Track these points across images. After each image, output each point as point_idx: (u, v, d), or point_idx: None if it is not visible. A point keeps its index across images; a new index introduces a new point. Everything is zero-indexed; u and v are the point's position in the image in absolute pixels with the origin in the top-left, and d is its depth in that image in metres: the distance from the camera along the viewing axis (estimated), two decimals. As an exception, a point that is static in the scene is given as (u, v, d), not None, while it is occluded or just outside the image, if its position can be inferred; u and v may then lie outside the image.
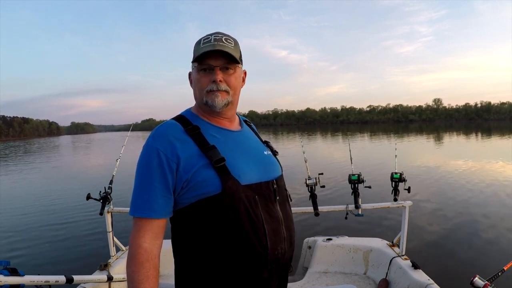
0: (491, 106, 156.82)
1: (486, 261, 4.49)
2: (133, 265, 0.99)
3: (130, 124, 6.00)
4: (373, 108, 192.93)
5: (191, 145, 1.06)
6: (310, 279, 2.99)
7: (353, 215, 2.79)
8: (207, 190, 1.02)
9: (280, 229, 1.12)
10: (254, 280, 1.07)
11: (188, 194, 1.04)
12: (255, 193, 1.08)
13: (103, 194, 2.74)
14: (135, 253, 1.00)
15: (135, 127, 8.27)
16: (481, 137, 31.51)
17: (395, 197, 2.83)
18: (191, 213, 1.06)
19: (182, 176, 1.03)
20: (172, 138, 1.06)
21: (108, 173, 3.08)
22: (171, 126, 1.11)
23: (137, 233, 1.02)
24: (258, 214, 1.06)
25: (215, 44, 1.09)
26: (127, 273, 1.00)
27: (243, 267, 1.05)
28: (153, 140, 1.07)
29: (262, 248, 1.05)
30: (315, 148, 24.20)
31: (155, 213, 1.03)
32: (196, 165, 1.03)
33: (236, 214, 1.03)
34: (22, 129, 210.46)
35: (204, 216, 1.04)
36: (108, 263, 2.78)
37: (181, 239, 1.10)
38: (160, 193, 1.03)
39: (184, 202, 1.06)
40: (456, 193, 8.45)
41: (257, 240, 1.04)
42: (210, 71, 1.10)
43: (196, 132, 1.09)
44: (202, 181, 1.02)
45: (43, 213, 8.12)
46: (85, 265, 4.65)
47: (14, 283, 1.73)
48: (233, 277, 1.05)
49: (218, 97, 1.10)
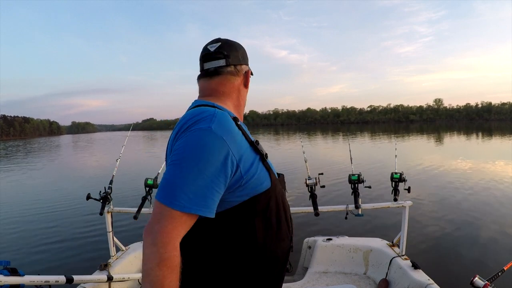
0: (492, 106, 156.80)
1: (486, 261, 4.48)
2: (165, 270, 0.83)
3: (131, 124, 6.00)
4: (374, 108, 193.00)
5: (243, 140, 1.01)
6: (310, 279, 2.99)
7: (353, 215, 2.79)
8: (261, 186, 1.02)
9: (290, 216, 1.20)
10: (282, 264, 1.12)
11: (243, 191, 0.98)
12: (282, 186, 1.16)
13: (103, 194, 2.73)
14: (171, 255, 0.85)
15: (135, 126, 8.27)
16: (481, 137, 31.46)
17: (395, 197, 2.83)
18: (240, 211, 0.99)
19: (242, 174, 0.97)
20: (234, 131, 0.98)
21: (108, 173, 3.08)
22: (228, 116, 1.01)
23: (174, 230, 0.87)
24: (286, 203, 1.15)
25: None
26: (155, 276, 0.83)
27: (278, 254, 1.09)
28: (219, 129, 0.95)
29: (290, 233, 1.15)
30: (315, 148, 24.19)
31: (209, 210, 0.92)
32: (253, 162, 1.01)
33: (277, 205, 1.08)
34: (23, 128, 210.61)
35: (253, 212, 1.01)
36: (108, 263, 2.79)
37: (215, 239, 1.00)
38: (217, 189, 0.93)
39: (235, 201, 0.98)
40: (456, 193, 8.44)
41: (287, 226, 1.13)
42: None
43: (239, 124, 1.05)
44: (257, 178, 1.01)
45: (43, 213, 8.12)
46: (85, 265, 4.65)
47: (14, 283, 1.72)
48: (269, 265, 1.07)
49: None
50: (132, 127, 4.98)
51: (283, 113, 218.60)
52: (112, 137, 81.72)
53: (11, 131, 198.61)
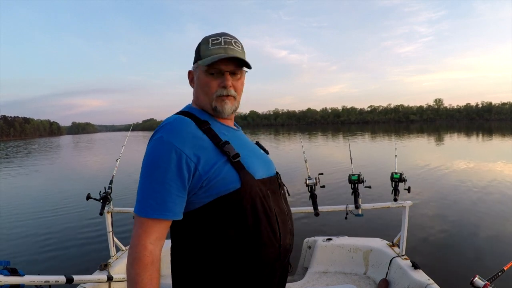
0: (492, 106, 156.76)
1: (486, 261, 4.48)
2: (137, 267, 0.95)
3: (131, 124, 6.01)
4: (374, 108, 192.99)
5: (207, 142, 1.04)
6: (310, 279, 2.99)
7: (353, 215, 2.79)
8: (228, 187, 1.01)
9: (287, 221, 1.15)
10: (269, 272, 1.08)
11: (208, 192, 1.01)
12: (267, 187, 1.10)
13: (103, 194, 2.74)
14: (140, 255, 0.96)
15: (135, 127, 8.28)
16: (482, 137, 31.45)
17: (395, 197, 2.83)
18: (208, 211, 1.02)
19: (202, 176, 1.00)
20: (189, 135, 1.02)
21: (108, 173, 3.08)
22: (185, 122, 1.06)
23: (144, 234, 0.98)
24: (271, 206, 1.08)
25: (226, 48, 1.08)
26: (129, 274, 0.96)
27: (260, 260, 1.05)
28: (169, 136, 1.01)
29: (276, 240, 1.07)
30: (315, 148, 24.19)
31: (171, 213, 0.99)
32: (216, 163, 1.01)
33: (254, 208, 1.03)
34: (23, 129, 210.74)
35: (222, 213, 1.02)
36: (108, 263, 2.79)
37: (189, 240, 1.06)
38: (176, 193, 0.99)
39: (200, 202, 1.02)
40: (456, 193, 8.44)
41: (272, 232, 1.06)
42: (219, 75, 1.09)
43: (207, 127, 1.07)
44: (222, 178, 1.01)
45: (43, 213, 8.12)
46: (85, 265, 4.66)
47: (14, 283, 1.73)
48: (249, 271, 1.04)
49: (228, 103, 1.11)
50: (132, 127, 4.99)
51: (284, 113, 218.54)
52: (112, 138, 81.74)
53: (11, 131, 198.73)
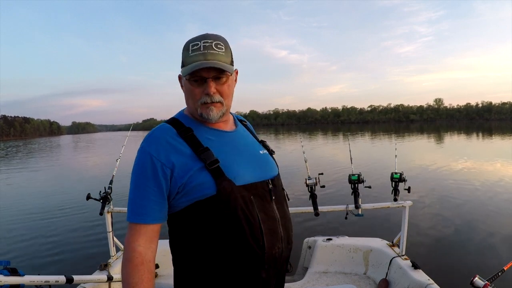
0: (492, 106, 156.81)
1: (486, 261, 4.48)
2: (128, 268, 1.01)
3: (132, 124, 6.01)
4: (374, 108, 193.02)
5: (185, 149, 1.06)
6: (310, 279, 2.99)
7: (353, 215, 2.79)
8: (203, 193, 1.02)
9: (277, 228, 1.11)
10: (252, 280, 1.07)
11: (184, 198, 1.04)
12: (251, 193, 1.07)
13: (103, 194, 2.74)
14: (130, 256, 1.01)
15: (136, 126, 8.27)
16: (482, 137, 31.44)
17: (395, 197, 2.83)
18: (187, 215, 1.06)
19: (177, 181, 1.03)
20: (166, 142, 1.06)
21: (108, 173, 3.08)
22: (164, 129, 1.10)
23: (132, 237, 1.03)
24: (254, 214, 1.05)
25: (206, 54, 1.05)
26: (122, 274, 1.02)
27: (240, 268, 1.05)
28: (147, 145, 1.07)
29: (259, 248, 1.05)
30: (315, 148, 24.19)
31: (150, 218, 1.03)
32: (191, 169, 1.03)
33: (233, 215, 1.02)
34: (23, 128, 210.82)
35: (201, 218, 1.04)
36: (108, 263, 2.79)
37: (178, 241, 1.11)
38: (154, 199, 1.03)
39: (179, 206, 1.06)
40: (456, 193, 8.44)
41: (254, 240, 1.04)
42: (202, 82, 1.08)
43: (189, 134, 1.09)
44: (198, 184, 1.02)
45: (43, 213, 8.13)
46: (85, 265, 4.66)
47: (14, 283, 1.73)
48: (231, 278, 1.05)
49: (213, 110, 1.09)
50: (132, 127, 4.98)
51: (284, 113, 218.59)
52: (112, 137, 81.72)
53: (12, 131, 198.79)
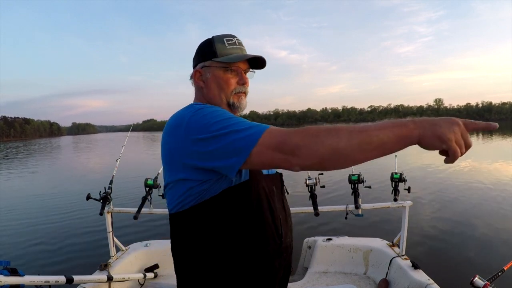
0: (492, 106, 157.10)
1: (486, 261, 4.48)
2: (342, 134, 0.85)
3: (132, 125, 6.02)
4: (374, 108, 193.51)
5: None
6: (310, 279, 2.98)
7: (353, 215, 2.79)
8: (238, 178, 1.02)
9: (288, 218, 1.18)
10: (266, 269, 1.08)
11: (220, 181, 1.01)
12: (272, 183, 1.14)
13: (103, 194, 2.73)
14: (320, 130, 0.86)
15: (136, 127, 8.28)
16: (482, 137, 31.42)
17: (395, 197, 2.82)
18: (217, 203, 1.02)
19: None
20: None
21: (108, 173, 3.08)
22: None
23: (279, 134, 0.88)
24: (275, 203, 1.11)
25: (242, 49, 1.16)
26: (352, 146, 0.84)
27: (259, 256, 1.06)
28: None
29: (278, 237, 1.09)
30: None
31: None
32: None
33: (259, 203, 1.06)
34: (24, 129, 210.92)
35: (230, 205, 1.02)
36: (108, 263, 2.78)
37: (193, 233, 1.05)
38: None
39: (214, 191, 1.01)
40: (456, 193, 8.44)
41: (275, 228, 1.08)
42: (236, 73, 1.14)
43: None
44: None
45: (43, 213, 8.12)
46: (85, 265, 4.65)
47: (14, 283, 1.72)
48: (248, 267, 1.05)
49: (244, 100, 1.17)
50: (133, 127, 4.99)
51: (284, 113, 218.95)
52: (113, 138, 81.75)
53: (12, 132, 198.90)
